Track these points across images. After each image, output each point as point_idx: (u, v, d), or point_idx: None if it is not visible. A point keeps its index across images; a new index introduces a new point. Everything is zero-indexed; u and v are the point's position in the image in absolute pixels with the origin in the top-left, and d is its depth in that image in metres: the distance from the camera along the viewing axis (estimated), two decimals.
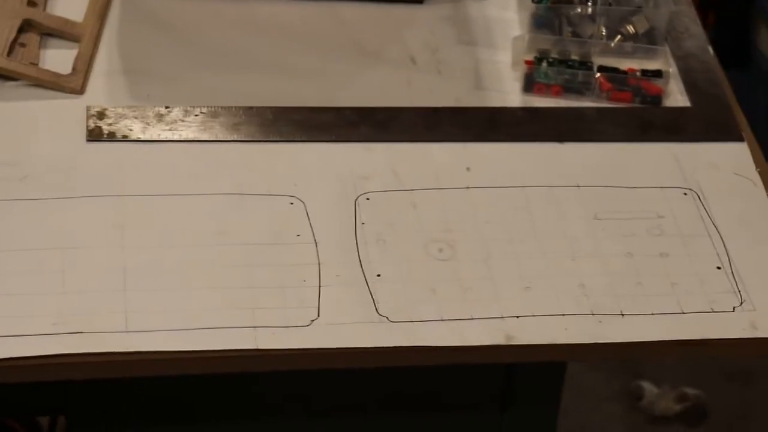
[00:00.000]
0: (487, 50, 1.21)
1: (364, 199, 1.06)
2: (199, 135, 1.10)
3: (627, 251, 1.04)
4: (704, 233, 1.06)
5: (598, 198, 1.08)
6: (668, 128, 1.15)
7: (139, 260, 1.00)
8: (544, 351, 0.97)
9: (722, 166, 1.12)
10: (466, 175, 1.09)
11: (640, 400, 1.87)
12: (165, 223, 1.03)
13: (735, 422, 1.86)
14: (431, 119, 1.13)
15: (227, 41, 1.20)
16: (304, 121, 1.12)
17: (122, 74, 1.15)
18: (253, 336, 0.95)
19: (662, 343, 0.98)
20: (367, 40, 1.21)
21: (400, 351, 0.96)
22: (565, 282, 1.01)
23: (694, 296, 1.01)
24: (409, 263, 1.01)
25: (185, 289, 0.98)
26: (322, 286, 0.99)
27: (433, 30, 1.23)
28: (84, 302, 0.96)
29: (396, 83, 1.17)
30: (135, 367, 0.94)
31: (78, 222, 1.02)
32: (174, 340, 0.95)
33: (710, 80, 1.19)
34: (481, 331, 0.97)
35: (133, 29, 1.20)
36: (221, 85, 1.15)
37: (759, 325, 0.99)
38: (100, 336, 0.94)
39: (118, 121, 1.11)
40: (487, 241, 1.04)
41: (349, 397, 1.13)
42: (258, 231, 1.03)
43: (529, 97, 1.17)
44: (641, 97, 1.17)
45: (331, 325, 0.97)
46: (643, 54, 1.20)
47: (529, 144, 1.12)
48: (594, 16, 1.20)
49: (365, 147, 1.11)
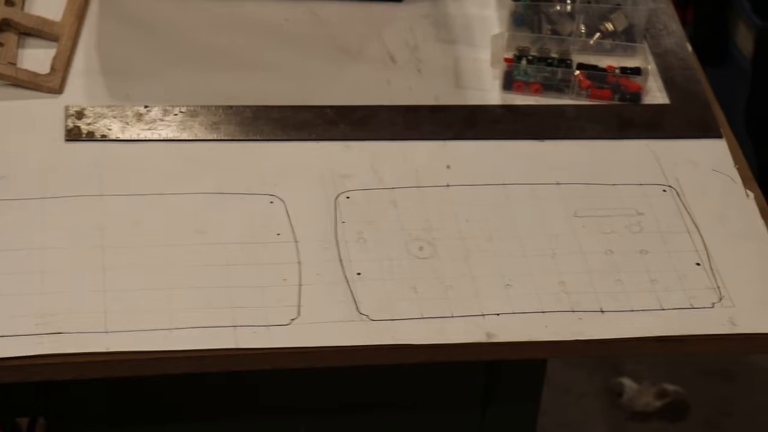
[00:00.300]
0: (467, 48, 1.21)
1: (344, 197, 1.06)
2: (179, 134, 1.10)
3: (607, 248, 1.04)
4: (683, 230, 1.07)
5: (577, 195, 1.08)
6: (647, 125, 1.15)
7: (118, 260, 0.99)
8: (524, 348, 0.98)
9: (701, 162, 1.12)
10: (446, 173, 1.09)
11: (620, 397, 1.88)
12: (144, 222, 1.02)
13: (715, 418, 1.87)
14: (411, 117, 1.13)
15: (206, 40, 1.20)
16: (283, 120, 1.12)
17: (101, 74, 1.15)
18: (233, 335, 0.95)
19: (642, 340, 0.98)
20: (346, 38, 1.21)
21: (381, 349, 0.96)
22: (545, 279, 1.01)
23: (673, 293, 1.01)
24: (390, 262, 1.02)
25: (165, 288, 0.98)
26: (302, 285, 0.99)
27: (413, 28, 1.23)
28: (63, 303, 0.96)
29: (376, 82, 1.17)
30: (115, 367, 0.94)
31: (57, 222, 1.02)
32: (154, 340, 0.94)
33: (689, 77, 1.20)
34: (462, 329, 0.97)
35: (112, 28, 1.19)
36: (200, 84, 1.15)
37: (738, 321, 0.99)
38: (79, 336, 0.94)
39: (97, 120, 1.10)
40: (467, 239, 1.04)
41: (330, 397, 1.13)
42: (238, 230, 1.03)
43: (508, 95, 1.17)
44: (620, 95, 1.17)
45: (312, 324, 0.97)
46: (621, 51, 1.20)
47: (509, 142, 1.12)
48: (573, 14, 1.20)
49: (345, 146, 1.11)
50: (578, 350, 0.99)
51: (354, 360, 0.96)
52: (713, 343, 0.99)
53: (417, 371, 1.08)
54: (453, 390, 1.14)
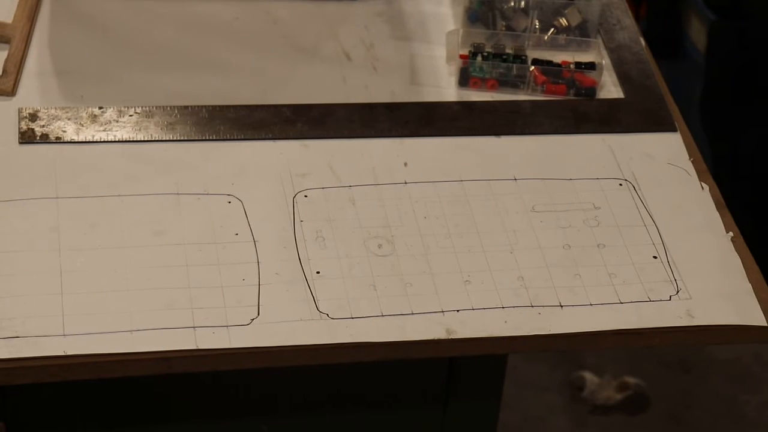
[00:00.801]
0: (422, 45, 1.21)
1: (302, 196, 1.06)
2: (134, 135, 1.09)
3: (565, 243, 1.05)
4: (640, 223, 1.07)
5: (534, 190, 1.09)
6: (602, 120, 1.16)
7: (75, 263, 0.99)
8: (484, 344, 0.98)
9: (656, 156, 1.13)
10: (404, 171, 1.09)
11: (581, 391, 1.89)
12: (101, 224, 1.02)
13: (675, 410, 1.88)
14: (367, 115, 1.13)
15: (160, 40, 1.19)
16: (239, 119, 1.12)
17: (54, 75, 1.14)
18: (192, 336, 0.95)
19: (601, 334, 0.99)
20: (301, 37, 1.21)
21: (341, 348, 0.96)
22: (504, 275, 1.01)
23: (631, 286, 1.02)
24: (349, 260, 1.01)
25: (123, 290, 0.97)
26: (261, 284, 0.99)
27: (368, 26, 1.23)
28: (20, 306, 0.95)
29: (331, 80, 1.17)
30: (73, 370, 0.93)
31: (13, 226, 1.01)
32: (113, 342, 0.94)
33: (643, 71, 1.20)
34: (422, 326, 0.97)
35: (64, 29, 1.19)
36: (155, 85, 1.14)
37: (695, 313, 1.00)
38: (37, 340, 0.93)
39: (51, 122, 1.09)
40: (426, 236, 1.04)
41: (291, 395, 1.13)
42: (196, 231, 1.02)
43: (464, 91, 1.17)
44: (575, 90, 1.17)
45: (272, 323, 0.96)
46: (576, 47, 1.21)
47: (466, 138, 1.13)
48: (527, 10, 1.20)
49: (302, 144, 1.10)
50: (538, 345, 0.99)
51: (314, 359, 0.96)
52: (671, 335, 1.00)
53: (378, 369, 1.08)
54: (414, 387, 1.14)
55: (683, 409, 1.88)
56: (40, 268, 0.98)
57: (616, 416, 1.87)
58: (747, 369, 1.94)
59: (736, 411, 1.89)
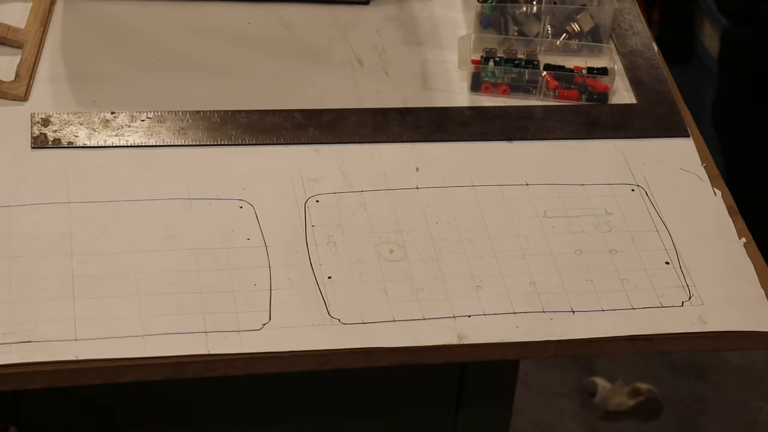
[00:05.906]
0: (434, 50, 1.21)
1: (313, 201, 1.06)
2: (146, 140, 1.10)
3: (576, 248, 1.05)
4: (652, 229, 1.07)
5: (546, 196, 1.09)
6: (615, 125, 1.16)
7: (87, 268, 0.99)
8: (496, 350, 0.98)
9: (668, 161, 1.13)
10: (416, 176, 1.09)
11: (593, 397, 1.89)
12: (113, 229, 1.02)
13: (688, 416, 1.88)
14: (379, 120, 1.13)
15: (172, 45, 1.19)
16: (251, 124, 1.12)
17: (66, 80, 1.14)
18: (204, 341, 0.95)
19: (613, 340, 0.99)
20: (312, 42, 1.21)
21: (352, 353, 0.96)
22: (515, 280, 1.01)
23: (643, 292, 1.02)
24: (360, 265, 1.01)
25: (134, 295, 0.97)
26: (273, 289, 0.99)
27: (380, 31, 1.23)
28: (32, 311, 0.95)
29: (343, 85, 1.17)
30: (85, 375, 0.93)
31: (25, 230, 1.01)
32: (124, 347, 0.94)
33: (655, 76, 1.20)
34: (434, 331, 0.97)
35: (77, 34, 1.19)
36: (167, 90, 1.14)
37: (707, 319, 1.00)
38: (49, 345, 0.93)
39: (64, 127, 1.10)
40: (437, 241, 1.04)
41: (302, 401, 1.13)
42: (207, 235, 1.02)
43: (476, 96, 1.17)
44: (588, 95, 1.17)
45: (283, 328, 0.96)
46: (588, 52, 1.21)
47: (478, 143, 1.13)
48: (539, 15, 1.20)
49: (314, 149, 1.10)
50: (550, 351, 0.99)
51: (325, 364, 0.96)
52: (683, 341, 0.99)
53: (389, 374, 1.08)
54: (426, 392, 1.14)
55: (696, 415, 1.88)
56: (52, 273, 0.98)
57: (628, 422, 1.87)
58: (760, 375, 1.94)
59: (749, 417, 1.88)
